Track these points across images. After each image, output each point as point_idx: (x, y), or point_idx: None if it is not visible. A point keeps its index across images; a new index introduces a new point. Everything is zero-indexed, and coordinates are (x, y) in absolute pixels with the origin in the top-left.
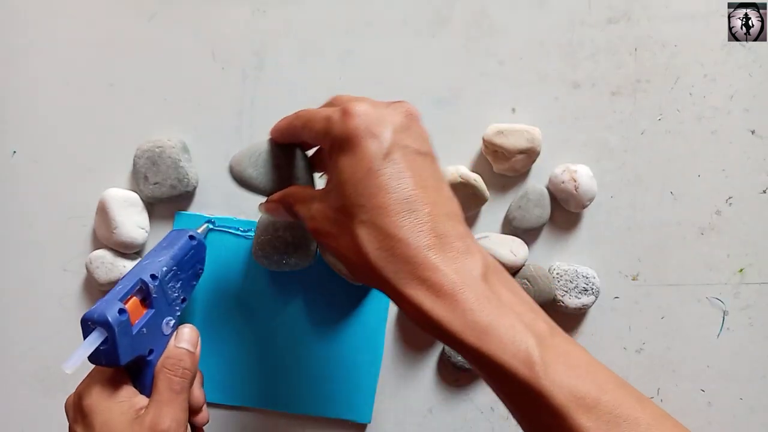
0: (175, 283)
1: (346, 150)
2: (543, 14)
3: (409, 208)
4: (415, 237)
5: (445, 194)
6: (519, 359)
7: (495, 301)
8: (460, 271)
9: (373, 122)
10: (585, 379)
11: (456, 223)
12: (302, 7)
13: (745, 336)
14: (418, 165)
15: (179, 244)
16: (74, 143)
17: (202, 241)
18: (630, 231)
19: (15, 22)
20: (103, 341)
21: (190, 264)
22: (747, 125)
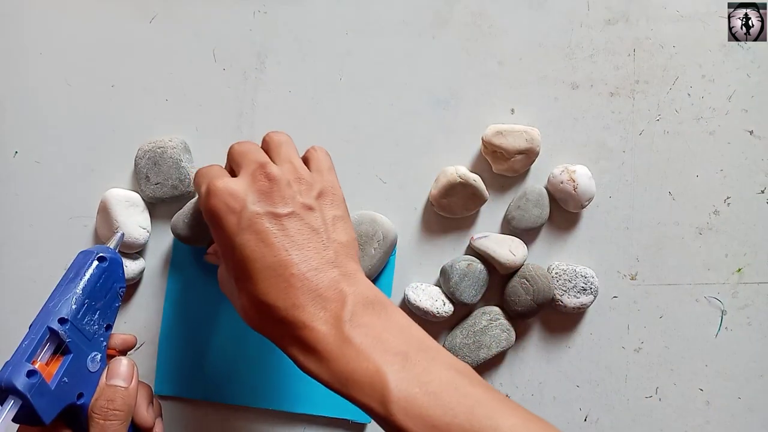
0: (91, 316)
1: (214, 226)
2: (542, 15)
3: (274, 274)
4: (282, 301)
5: (312, 246)
6: (376, 400)
7: (356, 348)
8: (326, 323)
9: (229, 198)
10: (437, 404)
11: (327, 271)
12: (303, 7)
13: (744, 335)
14: (279, 228)
15: (88, 272)
16: (76, 144)
17: (115, 257)
18: (628, 231)
19: (16, 22)
20: (21, 406)
21: (105, 288)
22: (745, 126)
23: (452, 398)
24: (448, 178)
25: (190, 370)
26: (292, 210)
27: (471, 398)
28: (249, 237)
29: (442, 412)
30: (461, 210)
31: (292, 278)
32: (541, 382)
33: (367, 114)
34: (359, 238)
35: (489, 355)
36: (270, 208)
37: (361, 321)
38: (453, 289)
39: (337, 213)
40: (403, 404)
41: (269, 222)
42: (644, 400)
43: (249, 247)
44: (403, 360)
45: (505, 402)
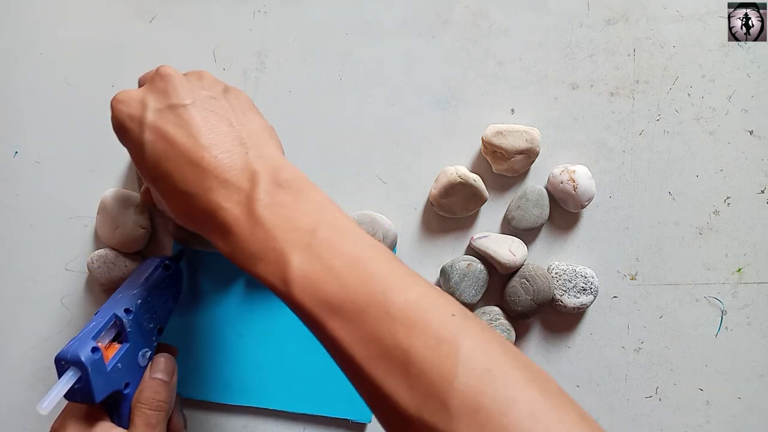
0: (150, 314)
1: (122, 140)
2: (542, 15)
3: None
4: (197, 186)
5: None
6: (278, 278)
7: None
8: (238, 204)
9: (127, 105)
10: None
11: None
12: (303, 7)
13: (743, 335)
14: (181, 118)
15: (154, 275)
16: (76, 144)
17: (178, 267)
18: (628, 231)
19: (16, 22)
20: (77, 380)
21: (166, 293)
22: (745, 126)
23: (352, 274)
24: (448, 178)
25: (189, 370)
26: (192, 100)
27: (372, 273)
28: (153, 134)
29: (338, 286)
30: (461, 210)
31: (202, 162)
32: None
33: (367, 114)
34: None
35: None
36: (169, 101)
37: (274, 200)
38: (453, 289)
39: (244, 105)
40: (301, 281)
41: (172, 115)
42: (644, 400)
43: (157, 144)
44: (311, 237)
45: (407, 277)
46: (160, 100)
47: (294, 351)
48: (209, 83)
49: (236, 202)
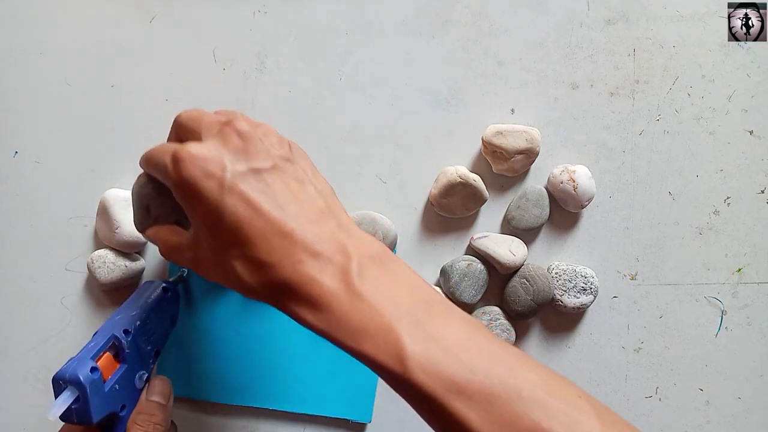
0: (148, 336)
1: (190, 199)
2: (542, 15)
3: (272, 233)
4: (285, 258)
5: (304, 198)
6: (391, 356)
7: (367, 302)
8: (334, 277)
9: (203, 163)
10: (455, 361)
11: (324, 222)
12: (303, 7)
13: (743, 335)
14: (265, 184)
15: (153, 297)
16: (76, 144)
17: (176, 291)
18: (628, 231)
19: (16, 22)
20: (75, 400)
21: (163, 316)
22: (745, 126)
23: (470, 354)
24: (448, 178)
25: (189, 370)
26: (273, 164)
27: (488, 354)
28: (236, 200)
29: (460, 367)
30: (461, 210)
31: (292, 234)
32: None
33: (367, 114)
34: None
35: None
36: (251, 164)
37: (369, 274)
38: (453, 289)
39: (310, 164)
40: (419, 360)
41: (255, 180)
42: (644, 400)
43: (239, 210)
44: (416, 315)
45: (523, 357)
46: (241, 162)
47: (294, 351)
48: (278, 141)
49: (331, 275)
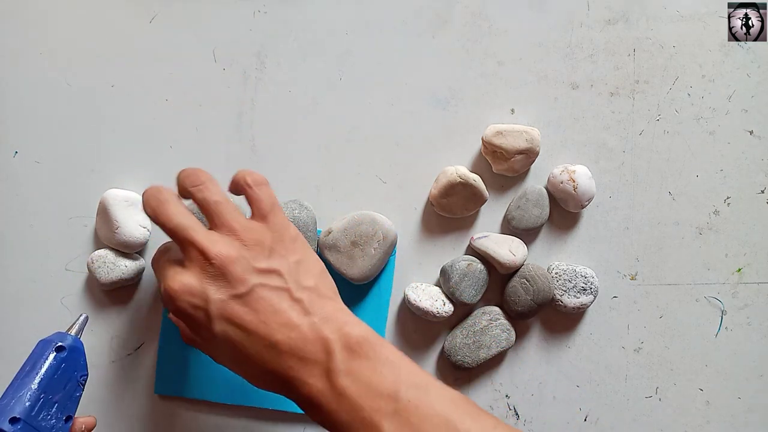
0: (48, 410)
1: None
2: (542, 15)
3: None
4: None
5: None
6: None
7: (349, 399)
8: (320, 378)
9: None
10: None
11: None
12: (303, 7)
13: (743, 335)
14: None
15: (45, 364)
16: (75, 144)
17: (75, 345)
18: (628, 231)
19: (16, 22)
20: None
21: (64, 380)
22: (745, 126)
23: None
24: (448, 178)
25: (190, 370)
26: (252, 284)
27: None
28: (224, 326)
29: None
30: (461, 210)
31: (278, 345)
32: (541, 382)
33: (367, 114)
34: (359, 239)
35: (489, 355)
36: (231, 291)
37: (350, 367)
38: (453, 289)
39: (294, 257)
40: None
41: (237, 305)
42: (644, 400)
43: (228, 334)
44: (395, 402)
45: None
46: (222, 291)
47: None
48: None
49: (318, 376)
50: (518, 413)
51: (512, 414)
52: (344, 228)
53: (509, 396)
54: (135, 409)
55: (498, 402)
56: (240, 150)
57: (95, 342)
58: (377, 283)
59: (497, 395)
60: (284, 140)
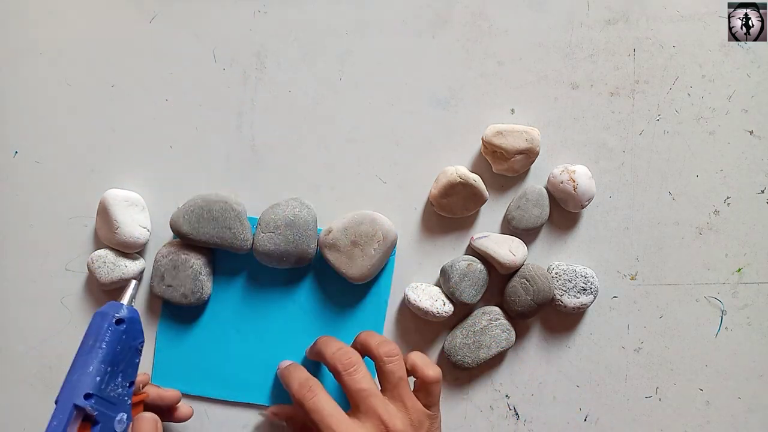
0: (115, 380)
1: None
2: (542, 15)
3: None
4: None
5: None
6: None
7: None
8: None
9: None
10: None
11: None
12: (303, 7)
13: (743, 335)
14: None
15: (106, 338)
16: (75, 144)
17: (132, 315)
18: (628, 231)
19: (16, 22)
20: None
21: (126, 350)
22: (745, 126)
23: None
24: (448, 178)
25: (187, 366)
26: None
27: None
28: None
29: None
30: (461, 210)
31: None
32: (541, 382)
33: (367, 114)
34: (359, 238)
35: (489, 355)
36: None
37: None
38: (453, 289)
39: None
40: None
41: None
42: (644, 400)
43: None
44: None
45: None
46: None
47: (294, 350)
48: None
49: None
50: (518, 413)
51: (512, 414)
52: (344, 227)
53: (509, 396)
54: None
55: (498, 402)
56: (240, 150)
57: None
58: (377, 283)
59: (497, 395)
60: (284, 140)
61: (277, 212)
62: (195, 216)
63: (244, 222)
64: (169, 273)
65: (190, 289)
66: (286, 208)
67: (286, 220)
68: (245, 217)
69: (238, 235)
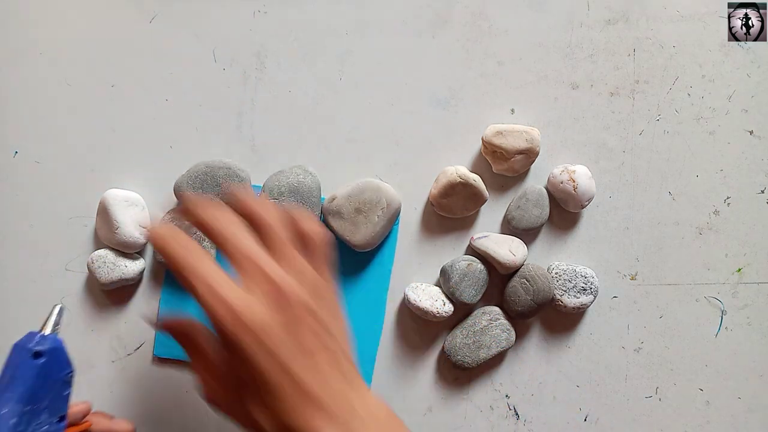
0: (37, 418)
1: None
2: (542, 15)
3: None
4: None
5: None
6: None
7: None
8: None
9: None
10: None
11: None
12: (303, 7)
13: (743, 335)
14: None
15: (24, 376)
16: (75, 144)
17: (54, 346)
18: (628, 231)
19: (16, 23)
20: None
21: (49, 384)
22: (745, 126)
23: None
24: (448, 178)
25: None
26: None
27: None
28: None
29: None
30: (461, 210)
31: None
32: (541, 382)
33: (367, 114)
34: (363, 205)
35: (489, 355)
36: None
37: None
38: (453, 289)
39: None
40: None
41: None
42: (644, 400)
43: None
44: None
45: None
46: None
47: None
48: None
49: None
50: (518, 413)
51: (512, 414)
52: (348, 195)
53: (509, 396)
54: (135, 409)
55: (498, 402)
56: (240, 150)
57: (95, 342)
58: (380, 251)
59: (497, 395)
60: (284, 140)
61: (281, 179)
62: (199, 182)
63: (247, 189)
64: None
65: None
66: (290, 175)
67: (290, 186)
68: (249, 184)
69: None
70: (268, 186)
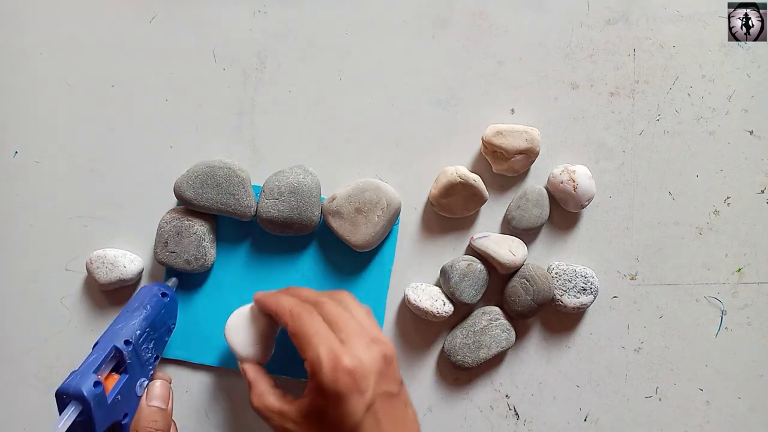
0: (148, 344)
1: (332, 403)
2: (542, 15)
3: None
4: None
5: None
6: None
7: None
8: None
9: (360, 378)
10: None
11: None
12: (303, 8)
13: (743, 335)
14: (391, 408)
15: (152, 304)
16: (75, 144)
17: (174, 297)
18: (628, 231)
19: (16, 23)
20: (79, 413)
21: (163, 322)
22: (745, 126)
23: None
24: (448, 178)
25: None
26: (398, 388)
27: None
28: (370, 418)
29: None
30: (461, 210)
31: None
32: (541, 382)
33: (367, 114)
34: (363, 205)
35: (489, 355)
36: (387, 387)
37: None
38: (453, 289)
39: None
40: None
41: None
42: (644, 400)
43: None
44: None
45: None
46: (382, 384)
47: None
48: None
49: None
50: (518, 413)
51: (512, 414)
52: (348, 195)
53: (509, 396)
54: None
55: (498, 402)
56: (240, 150)
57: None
58: (380, 251)
59: (497, 395)
60: (284, 140)
61: (281, 179)
62: (199, 181)
63: (248, 188)
64: (173, 239)
65: (194, 255)
66: (290, 175)
67: (290, 186)
68: (249, 184)
69: (241, 201)
70: (267, 186)
